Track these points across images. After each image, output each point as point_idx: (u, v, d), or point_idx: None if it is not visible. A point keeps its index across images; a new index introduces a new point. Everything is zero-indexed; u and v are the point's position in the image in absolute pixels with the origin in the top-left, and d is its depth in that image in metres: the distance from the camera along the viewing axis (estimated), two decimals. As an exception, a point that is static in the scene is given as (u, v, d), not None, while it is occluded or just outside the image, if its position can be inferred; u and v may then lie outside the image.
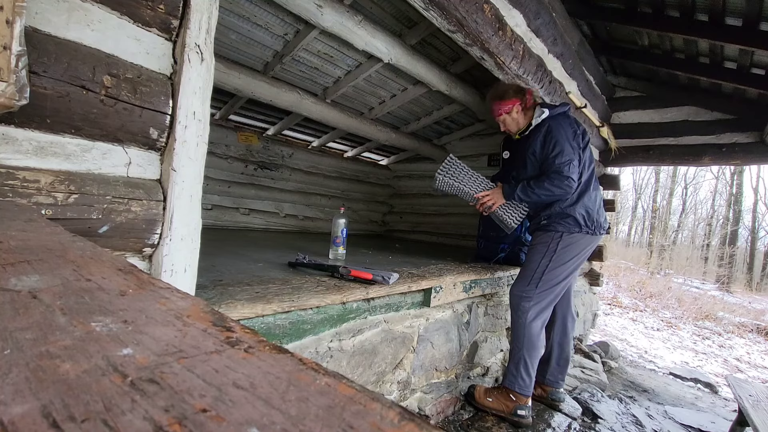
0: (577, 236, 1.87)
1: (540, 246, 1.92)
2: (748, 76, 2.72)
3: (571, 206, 1.86)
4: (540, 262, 1.89)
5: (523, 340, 1.88)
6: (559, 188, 1.77)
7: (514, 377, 1.88)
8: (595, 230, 1.88)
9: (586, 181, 1.89)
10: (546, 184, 1.79)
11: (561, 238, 1.87)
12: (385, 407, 0.17)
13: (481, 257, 2.62)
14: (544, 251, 1.89)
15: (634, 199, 20.06)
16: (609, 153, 3.63)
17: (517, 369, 1.87)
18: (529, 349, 1.87)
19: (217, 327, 0.25)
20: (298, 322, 1.19)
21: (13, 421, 0.14)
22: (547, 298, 1.90)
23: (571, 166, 1.76)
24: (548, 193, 1.80)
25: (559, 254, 1.86)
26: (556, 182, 1.77)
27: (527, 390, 1.87)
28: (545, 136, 1.83)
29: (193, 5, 0.85)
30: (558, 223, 1.88)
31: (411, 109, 3.55)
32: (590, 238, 1.89)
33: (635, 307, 7.67)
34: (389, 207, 5.17)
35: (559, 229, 1.88)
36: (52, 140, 0.73)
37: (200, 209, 0.92)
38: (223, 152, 3.51)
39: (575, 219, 1.85)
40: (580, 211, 1.85)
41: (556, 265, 1.87)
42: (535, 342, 1.88)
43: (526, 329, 1.88)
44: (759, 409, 1.90)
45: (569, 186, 1.76)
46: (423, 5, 1.48)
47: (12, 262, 0.34)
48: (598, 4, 2.66)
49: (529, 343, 1.87)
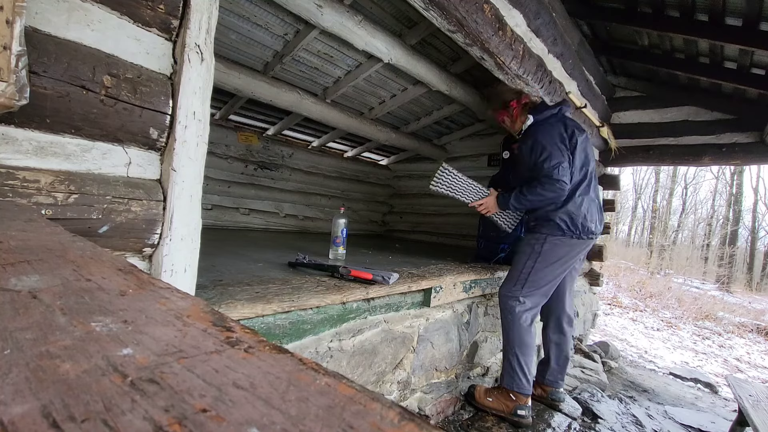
0: (562, 239, 1.88)
1: (526, 247, 1.95)
2: (748, 76, 2.72)
3: (552, 211, 1.87)
4: (525, 263, 1.91)
5: (513, 338, 1.89)
6: (551, 192, 1.79)
7: (511, 377, 1.88)
8: (581, 234, 1.87)
9: (576, 185, 1.88)
10: (538, 190, 1.81)
11: (545, 240, 1.89)
12: (385, 407, 0.17)
13: (481, 257, 2.62)
14: (530, 252, 1.91)
15: (634, 199, 20.08)
16: (609, 153, 3.63)
17: (512, 368, 1.88)
18: (521, 347, 1.87)
19: (217, 327, 0.25)
20: (298, 322, 1.19)
21: (13, 421, 0.14)
22: (533, 298, 1.91)
23: (561, 168, 1.77)
24: (541, 198, 1.82)
25: (544, 256, 1.88)
26: (548, 186, 1.78)
27: (526, 389, 1.87)
28: (532, 143, 1.87)
29: (193, 5, 0.85)
30: (542, 225, 1.91)
31: (411, 109, 3.55)
32: (577, 242, 1.89)
33: (635, 307, 7.67)
34: (389, 207, 5.17)
35: (544, 232, 1.90)
36: (52, 140, 0.73)
37: (200, 209, 0.92)
38: (223, 152, 3.51)
39: (557, 223, 1.86)
40: (562, 216, 1.86)
41: (542, 267, 1.89)
42: (525, 338, 1.88)
43: (514, 327, 1.89)
44: (759, 409, 1.90)
45: (561, 189, 1.77)
46: (423, 5, 1.48)
47: (12, 262, 0.34)
48: (598, 4, 2.66)
49: (519, 340, 1.87)
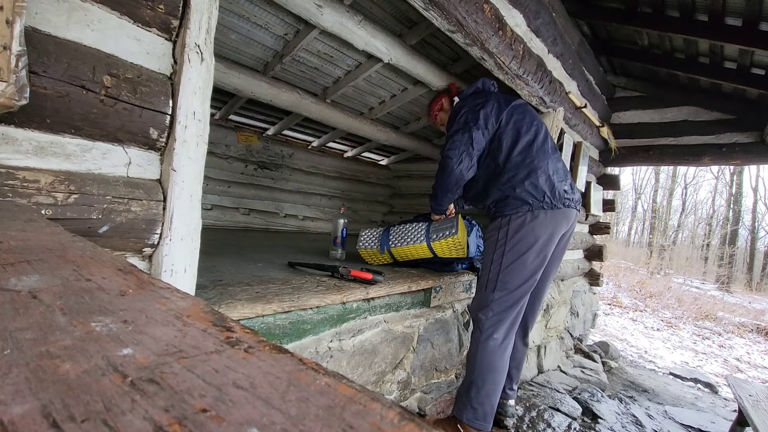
0: (532, 215, 1.50)
1: (490, 238, 1.58)
2: (748, 76, 2.72)
3: (510, 187, 1.53)
4: (493, 257, 1.54)
5: (475, 359, 1.52)
6: (441, 170, 1.58)
7: (464, 406, 1.52)
8: (554, 202, 1.51)
9: (524, 152, 1.55)
10: (438, 172, 1.61)
11: (509, 225, 1.52)
12: (385, 407, 0.17)
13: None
14: (495, 242, 1.54)
15: (634, 199, 20.09)
16: (609, 153, 3.63)
17: (468, 397, 1.51)
18: (487, 372, 1.49)
19: (217, 327, 0.25)
20: (298, 322, 1.19)
21: (13, 421, 0.14)
22: (507, 304, 1.51)
23: (450, 142, 1.55)
24: (439, 181, 1.60)
25: (512, 243, 1.50)
26: (440, 163, 1.59)
27: (481, 425, 1.49)
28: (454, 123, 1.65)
29: (193, 5, 0.85)
30: (504, 205, 1.55)
31: (411, 109, 3.55)
32: (552, 216, 1.51)
33: (635, 307, 7.67)
34: (389, 207, 5.17)
35: (507, 212, 1.53)
36: (52, 140, 0.73)
37: (200, 209, 0.92)
38: (223, 152, 3.51)
39: (520, 198, 1.51)
40: (524, 187, 1.51)
41: (513, 258, 1.49)
42: (495, 361, 1.50)
43: (480, 346, 1.52)
44: (759, 409, 1.91)
45: (447, 164, 1.54)
46: (423, 5, 1.48)
47: (12, 262, 0.34)
48: (598, 4, 2.66)
49: (486, 364, 1.50)
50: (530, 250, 1.49)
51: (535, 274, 1.53)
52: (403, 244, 1.88)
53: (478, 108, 1.59)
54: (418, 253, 1.88)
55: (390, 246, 1.92)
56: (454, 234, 1.72)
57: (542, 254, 1.52)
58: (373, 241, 1.99)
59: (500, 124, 1.59)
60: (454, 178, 1.56)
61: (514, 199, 1.52)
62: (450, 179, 1.56)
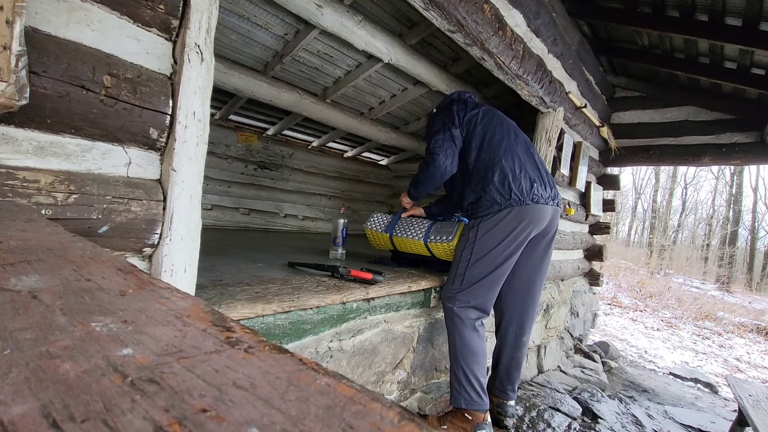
0: (499, 215, 1.61)
1: (462, 237, 1.73)
2: (748, 76, 2.72)
3: (482, 188, 1.64)
4: (461, 255, 1.67)
5: (457, 345, 1.62)
6: (427, 165, 1.70)
7: (459, 393, 1.60)
8: (522, 198, 1.59)
9: (494, 152, 1.66)
10: (421, 166, 1.75)
11: (479, 226, 1.64)
12: (385, 407, 0.17)
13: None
14: (465, 242, 1.68)
15: (634, 199, 20.08)
16: (609, 153, 3.63)
17: (459, 382, 1.60)
18: (466, 354, 1.60)
19: (217, 327, 0.25)
20: (298, 322, 1.19)
21: (13, 421, 0.14)
22: (475, 293, 1.63)
23: (434, 141, 1.68)
24: (426, 173, 1.72)
25: (480, 243, 1.62)
26: (426, 159, 1.72)
27: (480, 405, 1.59)
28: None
29: (193, 5, 0.85)
30: (477, 207, 1.68)
31: (411, 109, 3.55)
32: (519, 212, 1.59)
33: (635, 307, 7.67)
34: (389, 207, 5.17)
35: (479, 215, 1.66)
36: (52, 140, 0.73)
37: (200, 209, 0.92)
38: (223, 152, 3.51)
39: (491, 197, 1.62)
40: (494, 186, 1.61)
41: (479, 257, 1.62)
42: (471, 344, 1.61)
43: (456, 331, 1.63)
44: (759, 409, 1.91)
45: (435, 159, 1.67)
46: (423, 5, 1.48)
47: (12, 262, 0.34)
48: (598, 4, 2.66)
49: (463, 346, 1.61)
50: (496, 248, 1.61)
51: (499, 268, 1.63)
52: (405, 236, 1.96)
53: (452, 111, 1.75)
54: (416, 249, 1.95)
55: (394, 234, 2.01)
56: (450, 241, 1.80)
57: (508, 250, 1.62)
58: (380, 225, 2.10)
59: (472, 125, 1.73)
60: (439, 172, 1.69)
61: (486, 200, 1.64)
62: (437, 173, 1.69)
